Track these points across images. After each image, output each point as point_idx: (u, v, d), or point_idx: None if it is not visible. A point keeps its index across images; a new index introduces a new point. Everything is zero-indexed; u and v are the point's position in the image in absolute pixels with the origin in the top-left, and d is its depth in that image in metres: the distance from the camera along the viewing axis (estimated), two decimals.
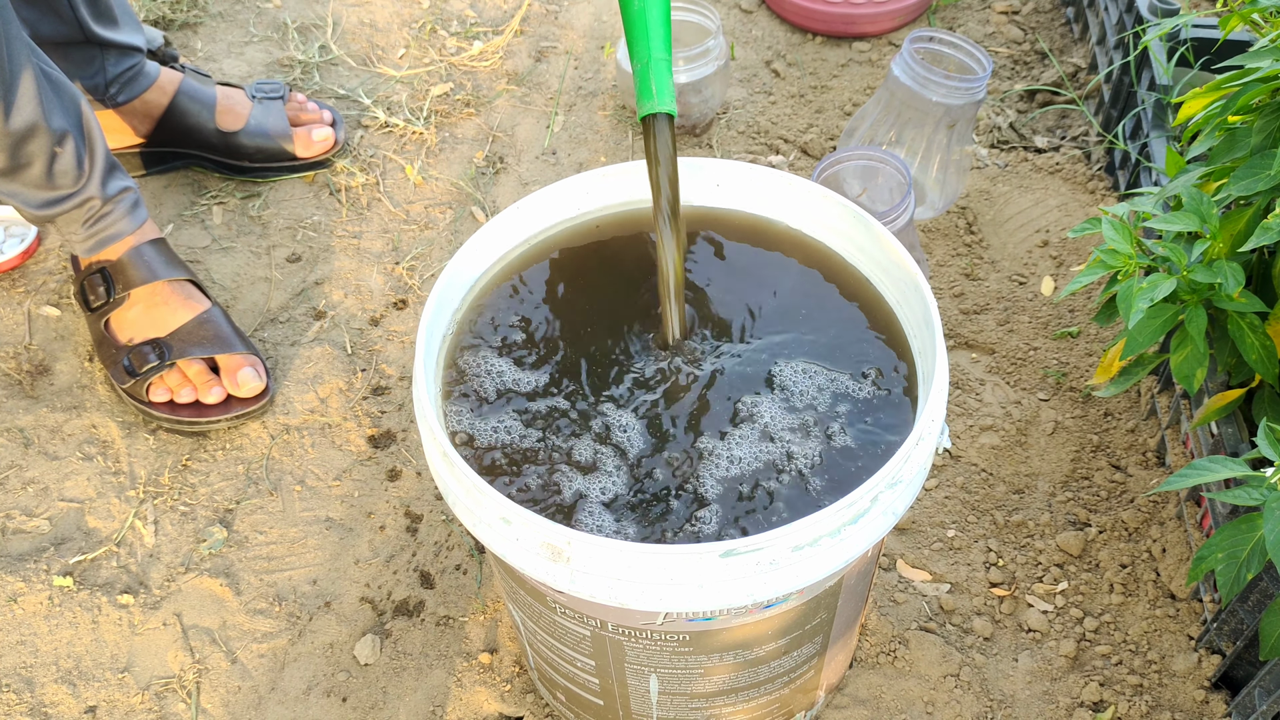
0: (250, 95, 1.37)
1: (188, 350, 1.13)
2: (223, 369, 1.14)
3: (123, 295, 1.14)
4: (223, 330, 1.15)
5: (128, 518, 1.08)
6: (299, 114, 1.38)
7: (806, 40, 1.56)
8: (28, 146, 1.02)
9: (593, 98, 1.49)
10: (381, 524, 1.08)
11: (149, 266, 1.14)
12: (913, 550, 1.04)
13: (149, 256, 1.14)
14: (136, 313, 1.14)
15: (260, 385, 1.14)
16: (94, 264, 1.15)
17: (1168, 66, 1.18)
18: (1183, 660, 0.94)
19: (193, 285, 1.18)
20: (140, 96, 1.29)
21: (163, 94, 1.31)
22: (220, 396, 1.13)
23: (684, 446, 0.74)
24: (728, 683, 0.79)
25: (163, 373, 1.13)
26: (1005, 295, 1.25)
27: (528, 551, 0.66)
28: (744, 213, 0.87)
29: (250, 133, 1.34)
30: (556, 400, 0.77)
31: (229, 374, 1.13)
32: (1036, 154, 1.40)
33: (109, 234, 1.13)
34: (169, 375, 1.13)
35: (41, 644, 1.00)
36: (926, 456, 0.70)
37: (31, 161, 1.03)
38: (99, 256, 1.14)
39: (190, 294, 1.16)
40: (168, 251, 1.17)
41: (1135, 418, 1.12)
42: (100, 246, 1.13)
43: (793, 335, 0.80)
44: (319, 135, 1.36)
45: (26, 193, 1.06)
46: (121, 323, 1.15)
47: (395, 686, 0.97)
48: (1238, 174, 0.79)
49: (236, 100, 1.35)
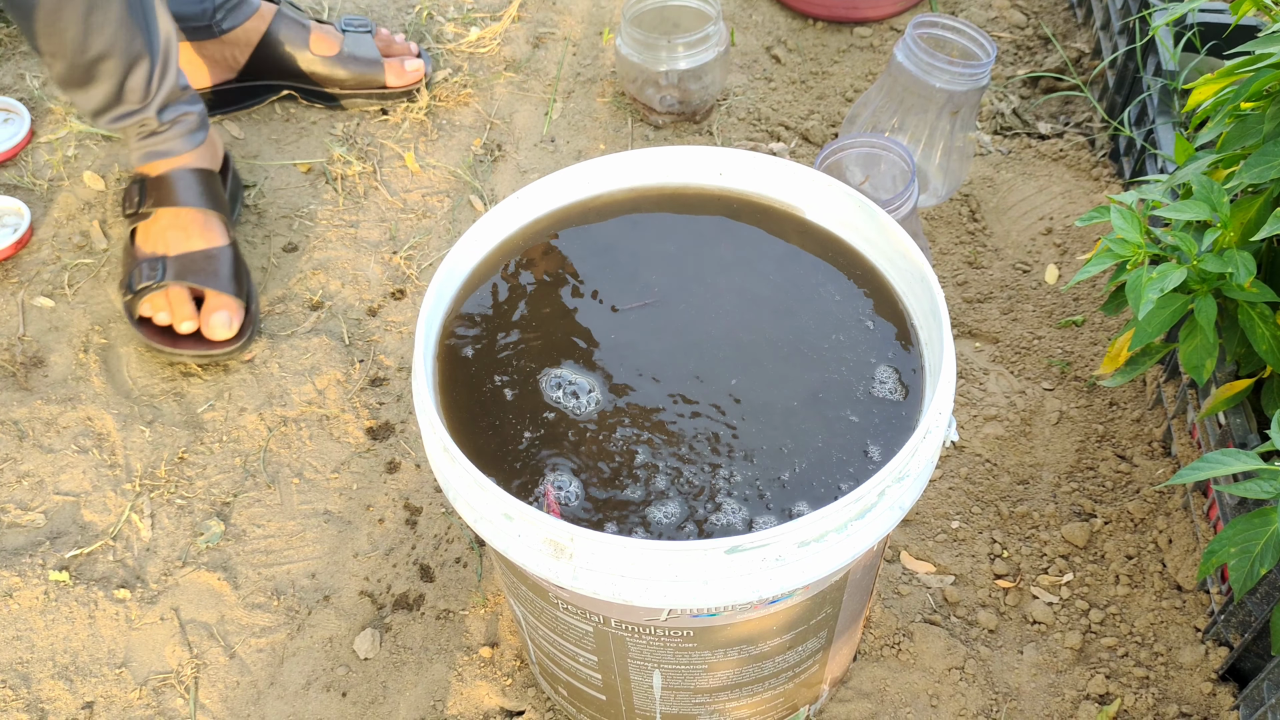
0: (340, 29, 1.41)
1: (181, 275, 1.16)
2: (205, 305, 1.16)
3: (148, 210, 1.18)
4: (221, 269, 1.17)
5: (124, 511, 1.07)
6: (389, 46, 1.43)
7: (807, 26, 1.54)
8: (101, 67, 1.08)
9: (591, 84, 1.48)
10: (380, 517, 1.07)
11: (182, 191, 1.18)
12: (917, 542, 1.03)
13: (186, 182, 1.18)
14: (157, 230, 1.18)
15: (228, 333, 1.15)
16: (139, 174, 1.20)
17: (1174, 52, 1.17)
18: (1190, 652, 0.94)
19: (219, 220, 1.20)
20: (242, 25, 1.35)
21: (263, 21, 1.36)
22: (190, 330, 1.15)
23: (688, 437, 0.73)
24: (732, 678, 0.78)
25: (154, 292, 1.15)
26: (1009, 283, 1.24)
27: (530, 548, 0.65)
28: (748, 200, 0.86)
29: (344, 59, 1.38)
30: (559, 393, 0.76)
31: (206, 311, 1.15)
32: (1040, 140, 1.38)
33: (159, 150, 1.18)
34: (157, 296, 1.16)
35: (38, 639, 0.99)
36: (934, 450, 0.69)
37: (102, 80, 1.09)
38: (145, 169, 1.19)
39: (211, 227, 1.19)
40: (209, 183, 1.20)
41: (1141, 407, 1.11)
42: (149, 159, 1.18)
43: (797, 324, 0.79)
44: (411, 66, 1.41)
45: (90, 103, 1.12)
46: (145, 236, 1.20)
47: (395, 681, 0.96)
48: (1249, 161, 0.78)
49: (328, 31, 1.41)
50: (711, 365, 0.77)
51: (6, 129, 1.38)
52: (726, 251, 0.84)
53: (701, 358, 0.78)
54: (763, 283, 0.82)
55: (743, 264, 0.83)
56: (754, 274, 0.82)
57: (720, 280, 0.82)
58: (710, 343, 0.78)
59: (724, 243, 0.84)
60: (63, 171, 1.36)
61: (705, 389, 0.76)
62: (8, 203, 1.30)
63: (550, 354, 0.78)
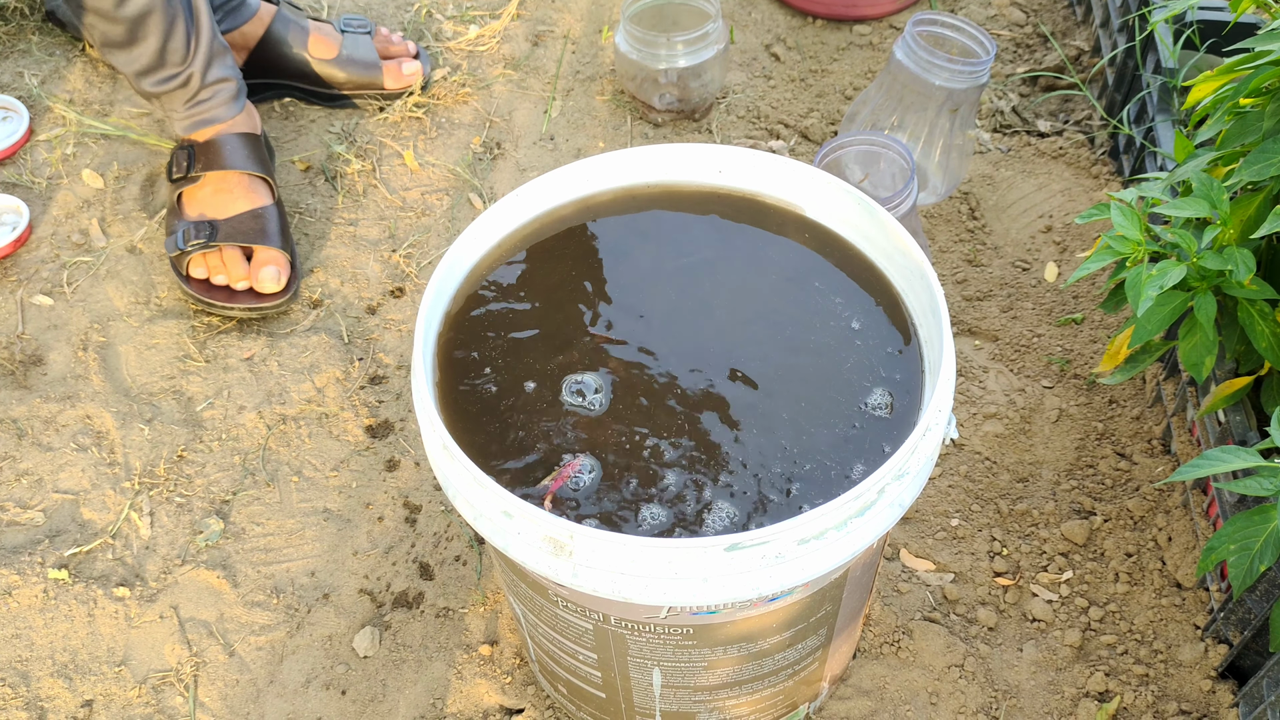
0: (339, 29, 1.42)
1: (232, 236, 1.21)
2: (254, 260, 1.21)
3: (197, 174, 1.23)
4: (269, 227, 1.23)
5: (123, 509, 1.07)
6: (387, 47, 1.43)
7: (806, 23, 1.54)
8: (144, 25, 1.13)
9: (591, 82, 1.47)
10: (380, 515, 1.07)
11: (229, 155, 1.23)
12: (916, 540, 1.03)
13: (231, 146, 1.23)
14: (205, 193, 1.23)
15: (277, 286, 1.20)
16: (185, 141, 1.24)
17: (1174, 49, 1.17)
18: (1189, 650, 0.94)
19: (263, 182, 1.25)
20: (240, 28, 1.36)
21: (261, 24, 1.37)
22: (244, 287, 1.20)
23: (688, 435, 0.73)
24: (731, 675, 0.78)
25: (205, 252, 1.20)
26: (1008, 281, 1.24)
27: (530, 545, 0.65)
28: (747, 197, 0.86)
29: (342, 61, 1.39)
30: (559, 389, 0.75)
31: (255, 265, 1.20)
32: (1040, 138, 1.38)
33: (205, 117, 1.23)
34: (210, 255, 1.20)
35: (37, 637, 0.99)
36: (934, 448, 0.69)
37: (146, 38, 1.14)
38: (192, 136, 1.24)
39: (256, 189, 1.24)
40: (253, 146, 1.25)
41: (1140, 405, 1.11)
42: (196, 127, 1.23)
43: (797, 321, 0.79)
44: (408, 69, 1.42)
45: (135, 64, 1.16)
46: (191, 199, 1.24)
47: (395, 679, 0.96)
48: (1249, 159, 0.78)
49: (327, 32, 1.41)
50: (711, 363, 0.77)
51: (5, 127, 1.38)
52: (726, 249, 0.84)
53: (701, 356, 0.77)
54: (762, 280, 0.81)
55: (742, 261, 0.83)
56: (754, 271, 0.82)
57: (720, 278, 0.82)
58: (710, 341, 0.78)
59: (723, 240, 0.84)
60: (61, 170, 1.36)
61: (705, 387, 0.76)
62: (6, 201, 1.30)
63: (550, 352, 0.78)
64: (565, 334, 0.79)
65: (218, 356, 1.19)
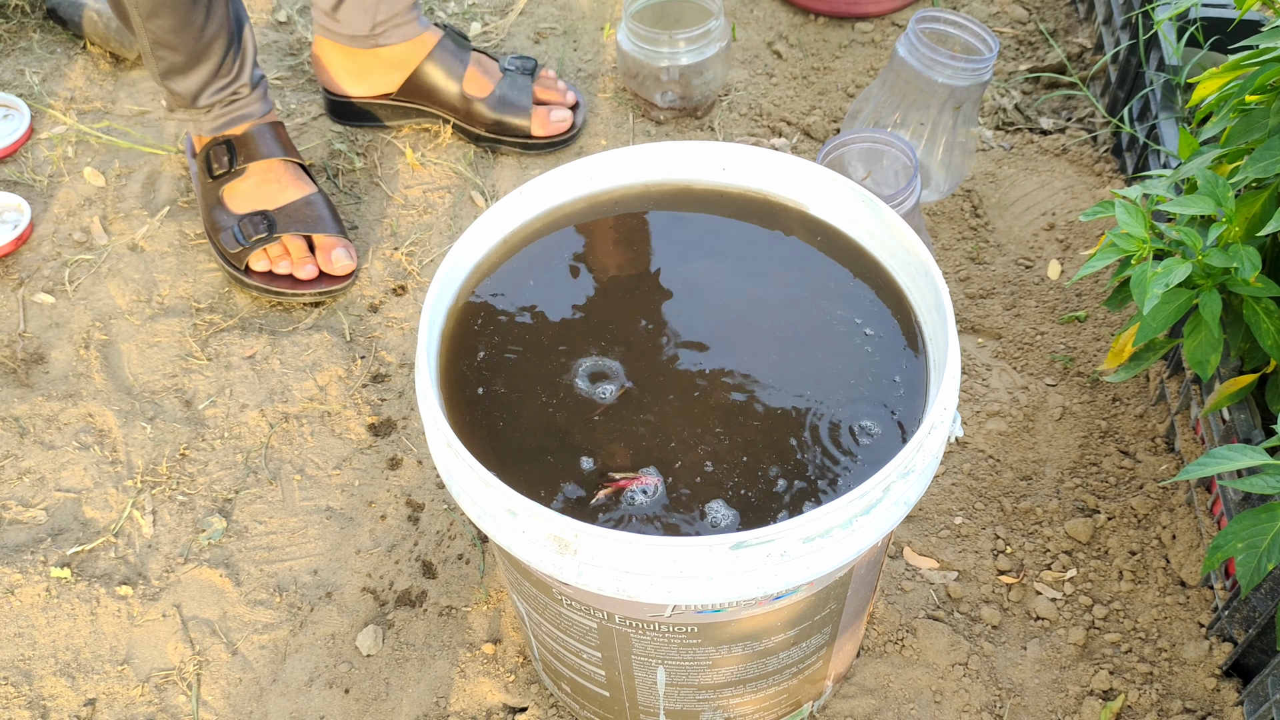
0: (503, 67, 1.38)
1: (291, 226, 1.22)
2: (318, 247, 1.22)
3: (242, 167, 1.23)
4: (324, 212, 1.24)
5: (125, 508, 1.07)
6: (545, 92, 1.38)
7: (808, 21, 1.54)
8: (212, 47, 1.16)
9: (592, 80, 1.47)
10: (382, 513, 1.07)
11: (269, 145, 1.24)
12: (920, 538, 1.03)
13: (269, 136, 1.24)
14: (250, 185, 1.23)
15: (351, 265, 1.23)
16: (220, 138, 1.24)
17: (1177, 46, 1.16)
18: (1193, 648, 0.94)
19: (301, 169, 1.26)
20: (398, 45, 1.34)
21: (422, 49, 1.35)
22: (313, 273, 1.22)
23: (693, 433, 0.73)
24: (736, 674, 0.78)
25: (267, 244, 1.21)
26: (1011, 279, 1.23)
27: (534, 544, 0.65)
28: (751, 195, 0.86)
29: (493, 101, 1.36)
30: (562, 388, 0.75)
31: (324, 251, 1.22)
32: (1042, 136, 1.38)
33: (241, 114, 1.24)
34: (271, 247, 1.21)
35: (40, 636, 0.99)
36: (939, 445, 0.69)
37: (209, 59, 1.17)
38: (226, 133, 1.24)
39: (300, 176, 1.26)
40: (285, 136, 1.26)
41: (1144, 403, 1.11)
42: (230, 125, 1.24)
43: (802, 319, 0.78)
44: (556, 117, 1.37)
45: (192, 86, 1.19)
46: (235, 194, 1.24)
47: (398, 677, 0.96)
48: (1255, 156, 0.78)
49: (488, 69, 1.38)
50: (716, 361, 0.77)
51: (6, 125, 1.38)
52: (730, 247, 0.84)
53: (706, 354, 0.77)
54: (767, 277, 0.81)
55: (747, 259, 0.83)
56: (757, 269, 0.82)
57: (724, 275, 0.82)
58: (714, 339, 0.78)
59: (727, 238, 0.84)
60: (63, 168, 1.35)
61: (710, 385, 0.76)
62: (8, 199, 1.29)
63: (554, 349, 0.78)
64: (569, 332, 0.79)
65: (220, 355, 1.18)
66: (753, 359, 0.77)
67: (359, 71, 1.35)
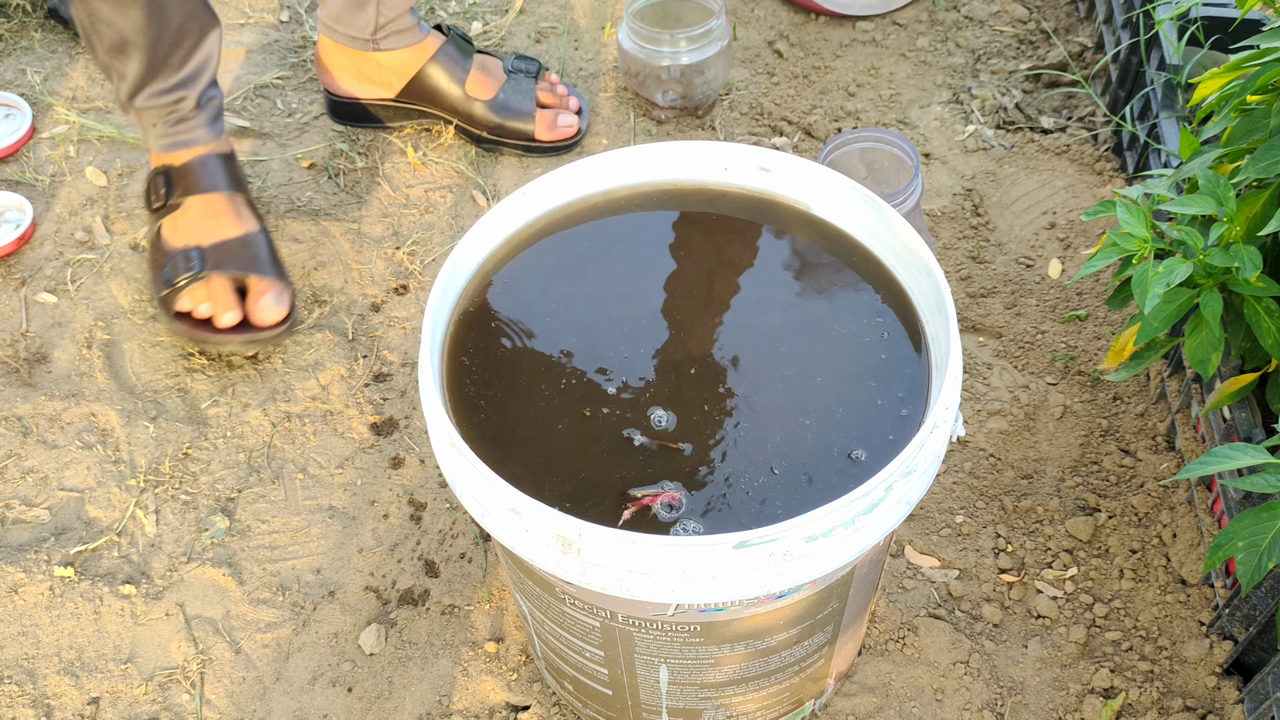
0: (507, 69, 1.37)
1: (222, 264, 1.13)
2: (249, 291, 1.14)
3: (178, 200, 1.15)
4: (260, 253, 1.15)
5: (128, 507, 1.07)
6: (548, 95, 1.37)
7: (809, 20, 1.54)
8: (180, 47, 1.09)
9: (594, 79, 1.47)
10: (385, 512, 1.07)
11: (210, 177, 1.16)
12: (921, 536, 1.03)
13: (212, 168, 1.16)
14: (187, 220, 1.16)
15: (279, 315, 1.13)
16: (161, 166, 1.17)
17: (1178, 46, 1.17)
18: (1194, 646, 0.94)
19: (247, 205, 1.18)
20: (399, 50, 1.31)
21: (423, 55, 1.33)
22: (234, 321, 1.13)
23: (695, 432, 0.73)
24: (738, 672, 0.78)
25: (194, 284, 1.13)
26: (1012, 278, 1.24)
27: (537, 543, 0.65)
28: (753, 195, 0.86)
29: (495, 106, 1.34)
30: (564, 387, 0.76)
31: (253, 296, 1.13)
32: (1043, 135, 1.38)
33: (186, 138, 1.15)
34: (196, 288, 1.13)
35: (43, 635, 0.99)
36: (941, 445, 0.69)
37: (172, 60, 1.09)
38: (168, 158, 1.16)
39: (242, 212, 1.17)
40: (232, 167, 1.19)
41: (1144, 402, 1.11)
42: (174, 148, 1.16)
43: (804, 319, 0.79)
44: (563, 121, 1.35)
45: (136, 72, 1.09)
46: (173, 228, 1.16)
47: (401, 676, 0.97)
48: (1256, 156, 0.78)
49: (491, 71, 1.36)
50: (717, 359, 0.77)
51: (8, 125, 1.38)
52: (732, 246, 0.84)
53: (708, 354, 0.78)
54: (769, 278, 0.82)
55: (748, 258, 0.83)
56: (760, 268, 0.82)
57: (726, 276, 0.82)
58: (717, 339, 0.78)
59: (729, 237, 0.84)
60: (64, 167, 1.36)
61: (712, 385, 0.76)
62: (10, 198, 1.30)
63: (556, 349, 0.78)
64: (570, 331, 0.79)
65: (222, 354, 1.18)
66: (754, 357, 0.77)
67: (361, 73, 1.34)
